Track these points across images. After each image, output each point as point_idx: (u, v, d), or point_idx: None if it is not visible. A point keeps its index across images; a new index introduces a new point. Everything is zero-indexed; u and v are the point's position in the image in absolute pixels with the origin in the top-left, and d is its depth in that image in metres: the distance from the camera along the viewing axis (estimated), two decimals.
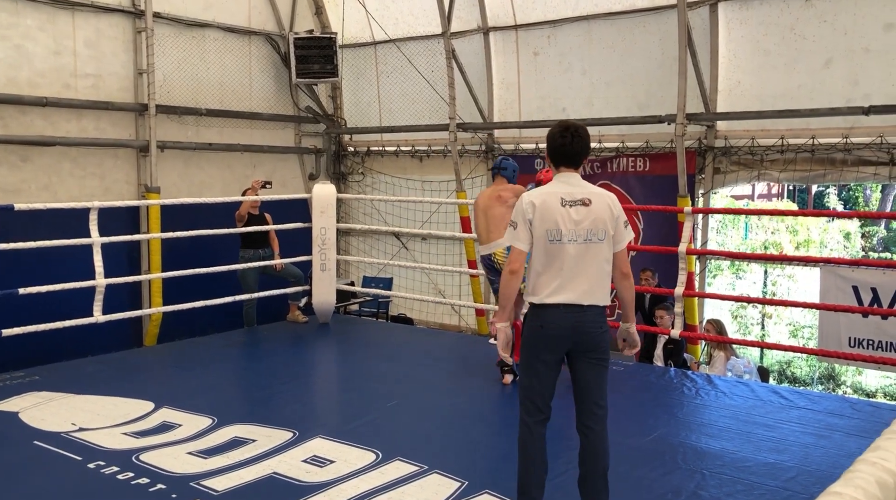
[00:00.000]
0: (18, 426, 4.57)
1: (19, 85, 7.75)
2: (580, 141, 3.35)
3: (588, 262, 3.25)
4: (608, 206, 3.28)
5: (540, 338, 3.29)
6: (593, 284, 3.26)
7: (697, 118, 7.74)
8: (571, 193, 3.28)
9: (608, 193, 3.38)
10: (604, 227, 3.25)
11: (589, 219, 3.24)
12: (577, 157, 3.37)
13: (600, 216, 3.26)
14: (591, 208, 3.25)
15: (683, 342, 6.80)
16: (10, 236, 6.03)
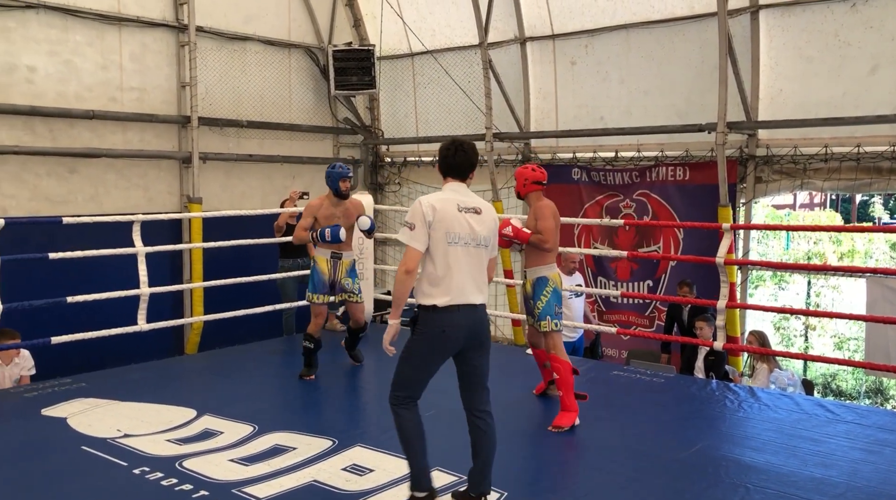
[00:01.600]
0: (66, 431, 4.68)
1: (68, 99, 7.97)
2: (464, 155, 3.65)
3: (476, 265, 3.60)
4: (493, 218, 3.68)
5: (441, 341, 3.55)
6: (481, 285, 3.63)
7: (738, 127, 7.64)
8: (464, 202, 3.61)
9: (490, 205, 3.75)
10: (487, 234, 3.62)
11: (481, 226, 3.59)
12: (461, 169, 3.66)
13: (489, 225, 3.64)
14: (482, 217, 3.61)
15: (725, 354, 6.70)
16: (57, 246, 6.19)
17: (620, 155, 8.75)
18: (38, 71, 7.77)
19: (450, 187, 3.67)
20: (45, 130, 7.84)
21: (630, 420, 5.02)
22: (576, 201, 9.05)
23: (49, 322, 6.37)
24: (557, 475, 4.08)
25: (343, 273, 5.88)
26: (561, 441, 4.57)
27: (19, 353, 6.08)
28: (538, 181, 5.04)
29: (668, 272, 8.44)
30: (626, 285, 8.72)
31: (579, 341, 7.58)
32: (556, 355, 4.89)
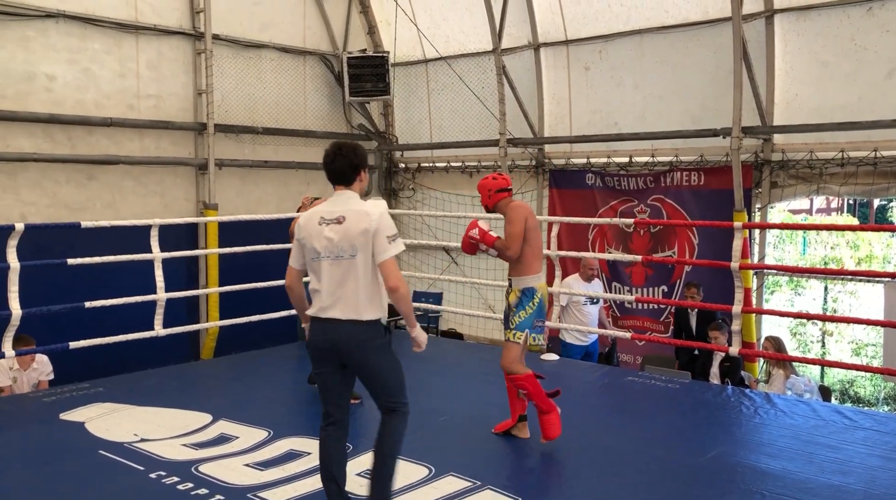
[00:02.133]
0: (84, 435, 4.72)
1: (86, 106, 8.07)
2: (343, 159, 3.49)
3: (344, 278, 3.38)
4: (360, 222, 3.37)
5: (309, 351, 3.55)
6: (349, 299, 3.38)
7: (754, 131, 7.61)
8: (332, 212, 3.45)
9: (374, 209, 3.44)
10: (352, 242, 3.36)
11: (338, 236, 3.38)
12: (342, 175, 3.52)
13: (349, 233, 3.37)
14: (343, 226, 3.39)
15: (740, 360, 6.66)
16: (76, 252, 6.26)
17: (635, 160, 8.73)
18: (58, 79, 7.87)
19: (332, 196, 3.54)
20: (63, 137, 7.95)
21: (644, 426, 5.00)
22: (590, 207, 9.04)
23: (67, 327, 6.43)
24: (570, 480, 4.07)
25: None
26: (575, 447, 4.56)
27: (35, 358, 6.15)
28: (503, 188, 4.66)
29: (682, 278, 8.40)
30: (640, 290, 8.70)
31: (593, 346, 7.56)
32: (514, 372, 4.49)
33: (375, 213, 3.40)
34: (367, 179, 3.61)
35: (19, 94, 7.62)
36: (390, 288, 3.41)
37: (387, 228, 3.40)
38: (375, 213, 3.40)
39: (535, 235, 4.60)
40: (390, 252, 3.39)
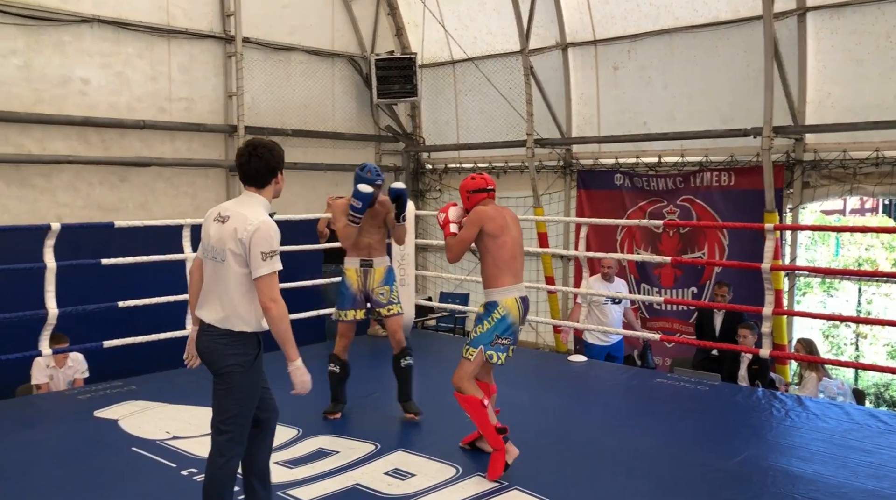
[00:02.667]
0: (118, 432, 4.80)
1: (119, 109, 8.21)
2: (259, 161, 3.25)
3: (217, 281, 3.23)
4: (235, 229, 3.15)
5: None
6: (216, 304, 3.22)
7: (785, 131, 7.52)
8: (227, 210, 3.26)
9: (257, 218, 3.16)
10: (223, 247, 3.17)
11: (216, 237, 3.22)
12: (256, 177, 3.27)
13: (224, 236, 3.18)
14: (223, 227, 3.21)
15: (768, 363, 6.57)
16: (109, 252, 6.37)
17: (664, 160, 8.67)
18: (92, 83, 8.03)
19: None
20: (97, 140, 8.10)
21: (673, 429, 4.96)
22: (618, 207, 8.99)
23: (101, 326, 6.54)
24: (598, 481, 4.05)
25: (376, 282, 5.12)
26: (603, 448, 4.55)
27: (69, 356, 6.27)
28: (479, 189, 4.25)
29: (712, 279, 8.32)
30: (669, 291, 8.63)
31: (616, 347, 7.47)
32: (460, 390, 4.12)
33: (255, 223, 3.13)
34: (283, 182, 3.36)
35: (55, 97, 7.79)
36: (262, 308, 3.18)
37: (262, 242, 3.12)
38: (255, 223, 3.13)
39: (502, 243, 4.14)
40: (263, 270, 3.13)
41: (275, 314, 3.18)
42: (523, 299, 4.24)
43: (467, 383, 4.11)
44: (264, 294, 3.15)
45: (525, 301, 4.26)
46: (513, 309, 4.14)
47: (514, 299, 4.15)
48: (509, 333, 4.14)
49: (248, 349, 3.25)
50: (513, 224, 4.27)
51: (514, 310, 4.15)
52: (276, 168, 3.29)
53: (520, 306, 4.19)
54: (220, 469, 3.25)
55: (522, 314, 4.22)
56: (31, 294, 5.70)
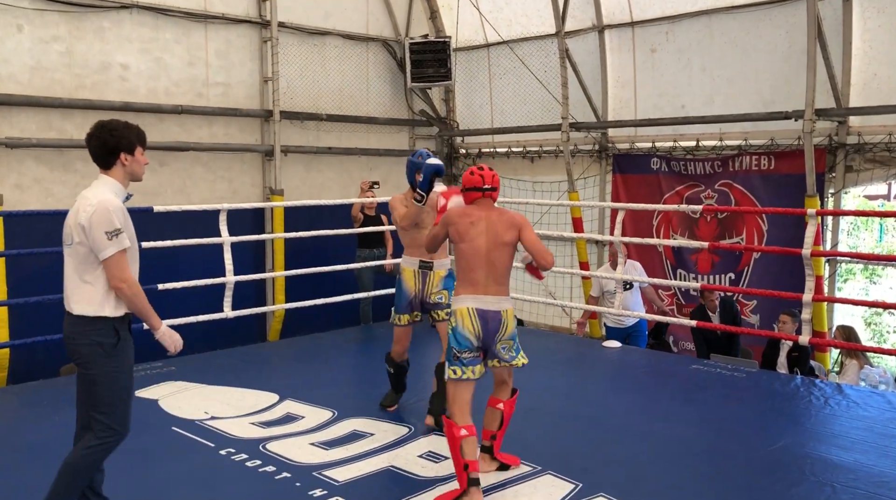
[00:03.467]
0: (158, 412, 4.92)
1: (157, 95, 8.32)
2: (96, 141, 3.21)
3: (68, 266, 3.17)
4: (77, 211, 3.12)
5: None
6: (67, 289, 3.17)
7: (828, 114, 7.33)
8: (79, 196, 3.23)
9: (96, 199, 3.11)
10: (72, 231, 3.13)
11: (66, 223, 3.16)
12: (97, 159, 3.23)
13: (70, 221, 3.16)
14: (71, 211, 3.17)
15: (809, 350, 6.46)
16: (147, 236, 6.48)
17: (702, 144, 8.53)
18: (131, 68, 8.14)
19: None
20: (137, 124, 8.19)
21: (710, 416, 4.92)
22: (655, 192, 8.88)
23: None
24: (633, 467, 4.03)
25: (434, 286, 4.70)
26: (638, 434, 4.52)
27: None
28: (473, 187, 3.89)
29: (751, 265, 8.19)
30: (706, 277, 8.51)
31: (635, 327, 7.43)
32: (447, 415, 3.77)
33: (93, 204, 3.09)
34: (134, 163, 3.25)
35: (96, 83, 7.91)
36: (114, 289, 3.12)
37: (102, 222, 3.06)
38: (93, 204, 3.09)
39: (461, 250, 3.80)
40: (108, 250, 3.07)
41: (127, 294, 3.14)
42: (480, 311, 3.73)
43: (454, 407, 3.73)
44: (113, 275, 3.10)
45: (484, 314, 3.73)
46: (464, 320, 3.72)
47: (465, 308, 3.73)
48: (467, 346, 3.72)
49: (102, 335, 3.14)
50: (483, 232, 3.79)
51: (465, 320, 3.71)
52: (117, 148, 3.21)
53: (473, 318, 3.71)
54: (80, 453, 3.16)
55: (481, 328, 3.72)
56: None
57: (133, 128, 3.30)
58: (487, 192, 3.89)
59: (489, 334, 3.76)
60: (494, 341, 3.78)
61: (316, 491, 3.71)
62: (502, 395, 3.97)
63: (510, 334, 3.81)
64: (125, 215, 3.19)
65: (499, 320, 3.76)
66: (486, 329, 3.75)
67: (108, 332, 3.15)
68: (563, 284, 9.83)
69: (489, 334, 3.76)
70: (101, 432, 3.15)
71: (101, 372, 3.14)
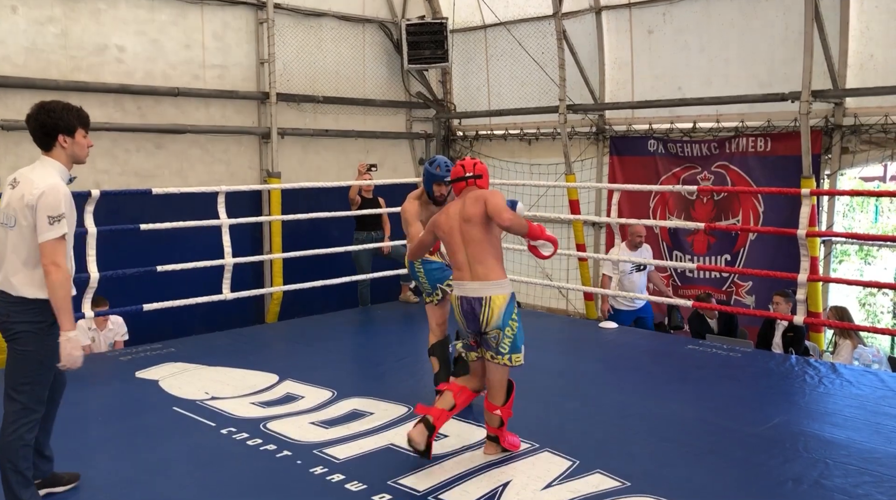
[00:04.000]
0: (159, 393, 4.95)
1: (154, 76, 8.29)
2: (34, 122, 3.21)
3: (7, 246, 3.19)
4: (23, 194, 3.13)
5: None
6: (6, 270, 3.18)
7: (824, 95, 7.35)
8: (20, 175, 3.25)
9: (43, 182, 3.13)
10: (15, 212, 3.15)
11: (6, 202, 3.19)
12: (36, 139, 3.24)
13: (12, 202, 3.17)
14: (12, 192, 3.19)
15: (804, 330, 6.52)
16: (145, 218, 6.50)
17: (699, 126, 8.54)
18: (127, 50, 8.10)
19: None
20: (133, 107, 8.19)
21: (705, 394, 4.98)
22: (651, 174, 8.90)
23: (139, 290, 6.70)
24: (629, 445, 4.09)
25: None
26: (635, 413, 4.58)
27: (109, 319, 6.45)
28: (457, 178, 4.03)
29: (746, 246, 8.24)
30: (702, 259, 8.56)
31: (644, 310, 7.46)
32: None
33: (41, 187, 3.11)
34: (74, 146, 3.25)
35: (92, 65, 7.88)
36: (44, 271, 3.11)
37: (48, 206, 3.09)
38: (41, 187, 3.11)
39: (443, 236, 3.96)
40: (48, 234, 3.10)
41: (54, 279, 3.11)
42: (463, 300, 3.83)
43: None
44: (47, 257, 3.10)
45: (466, 302, 3.82)
46: (455, 307, 3.91)
47: (455, 297, 3.90)
48: (463, 333, 3.96)
49: (41, 316, 3.17)
50: (456, 213, 3.89)
51: (456, 309, 3.90)
52: (56, 129, 3.20)
53: (458, 308, 3.86)
54: (9, 438, 3.16)
55: (463, 316, 3.84)
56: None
57: (73, 109, 3.28)
58: (471, 180, 3.97)
59: (473, 323, 3.82)
60: (481, 331, 3.82)
61: (317, 469, 3.76)
62: (496, 400, 3.91)
63: (496, 324, 3.77)
64: (71, 202, 3.21)
65: (479, 309, 3.77)
66: (468, 319, 3.83)
67: (46, 312, 3.17)
68: (560, 266, 9.86)
69: (473, 323, 3.82)
70: (15, 416, 3.17)
71: (35, 350, 3.17)
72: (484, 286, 3.78)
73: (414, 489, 3.53)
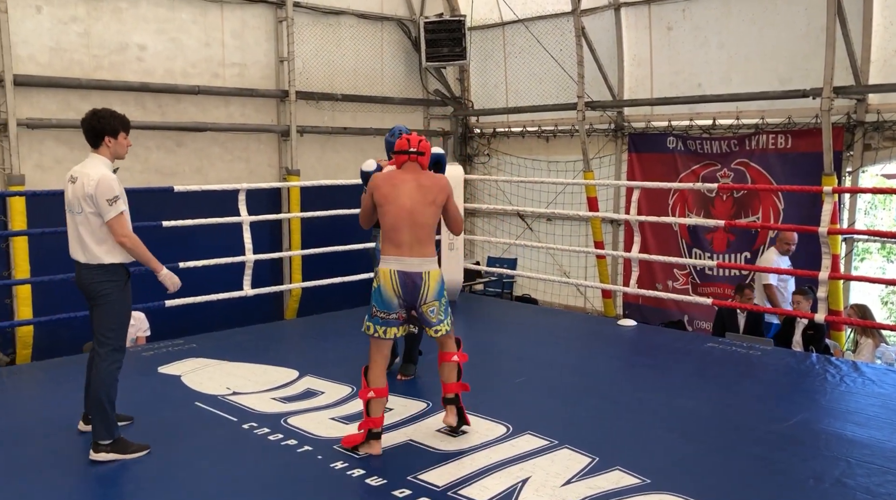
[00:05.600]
0: (181, 388, 5.01)
1: (174, 75, 8.37)
2: (86, 124, 3.94)
3: (76, 228, 3.89)
4: (83, 185, 3.82)
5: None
6: (78, 246, 3.89)
7: (846, 91, 7.27)
8: (76, 172, 3.93)
9: (96, 174, 3.82)
10: (79, 201, 3.84)
11: (71, 194, 3.90)
12: (88, 139, 3.95)
13: (76, 193, 3.85)
14: (74, 186, 3.88)
15: (824, 328, 6.47)
16: (166, 215, 6.57)
17: (718, 123, 8.49)
18: (148, 49, 8.18)
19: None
20: (154, 105, 8.28)
21: (724, 392, 4.96)
22: (671, 171, 8.86)
23: (161, 287, 6.74)
24: (649, 442, 4.09)
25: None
26: (654, 410, 4.57)
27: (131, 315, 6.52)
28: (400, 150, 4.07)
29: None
30: (722, 256, 8.51)
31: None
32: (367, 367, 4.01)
33: (95, 179, 3.80)
34: (116, 146, 3.94)
35: (114, 64, 7.97)
36: (119, 243, 3.86)
37: (104, 193, 3.79)
38: (95, 179, 3.80)
39: (384, 212, 3.93)
40: (111, 213, 3.81)
41: (129, 246, 3.89)
42: (402, 274, 3.87)
43: (372, 360, 3.99)
44: (116, 232, 3.85)
45: (404, 276, 3.87)
46: (384, 280, 3.88)
47: (388, 270, 3.88)
48: (384, 307, 3.89)
49: (117, 275, 3.92)
50: (408, 193, 3.92)
51: (387, 282, 3.87)
52: (103, 132, 3.91)
53: (394, 279, 3.86)
54: (103, 373, 3.88)
55: (401, 289, 3.87)
56: None
57: (118, 116, 3.99)
58: (413, 156, 4.06)
59: (411, 296, 3.92)
60: (418, 304, 3.94)
61: (337, 464, 3.79)
62: (450, 349, 4.13)
63: (434, 296, 3.97)
64: (120, 186, 3.90)
65: (420, 283, 3.91)
66: (407, 292, 3.91)
67: (121, 273, 3.96)
68: (578, 263, 9.85)
69: (411, 296, 3.92)
70: (112, 353, 3.93)
71: (117, 300, 3.94)
72: (424, 262, 3.94)
73: (434, 485, 3.55)
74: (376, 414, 3.93)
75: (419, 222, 3.91)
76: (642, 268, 7.74)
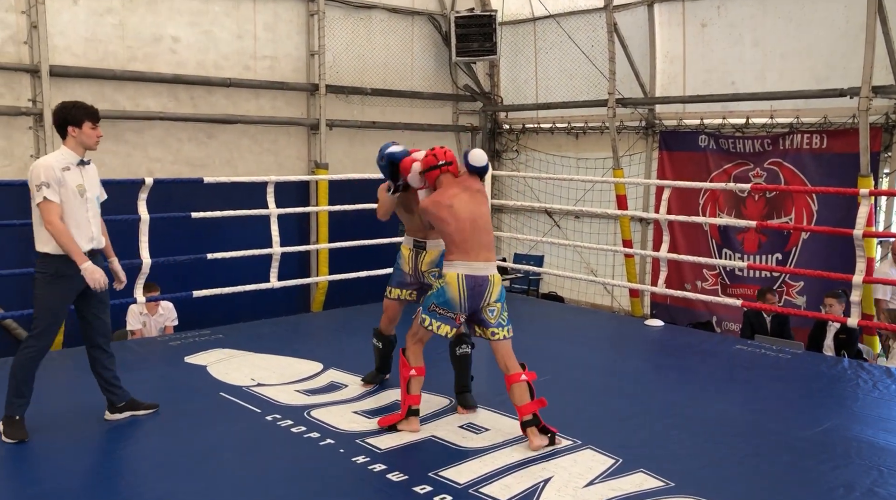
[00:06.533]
0: (207, 378, 5.05)
1: (206, 67, 8.44)
2: (53, 117, 3.98)
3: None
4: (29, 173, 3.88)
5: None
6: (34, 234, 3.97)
7: (885, 91, 7.11)
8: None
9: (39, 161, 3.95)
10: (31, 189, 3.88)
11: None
12: (56, 130, 3.99)
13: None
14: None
15: (857, 333, 6.34)
16: (195, 206, 6.62)
17: (752, 121, 8.36)
18: (181, 41, 8.26)
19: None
20: (186, 97, 8.36)
21: (753, 396, 4.88)
22: (702, 170, 8.74)
23: (188, 277, 6.84)
24: (675, 445, 4.03)
25: (426, 265, 4.65)
26: (681, 413, 4.51)
27: (160, 304, 6.60)
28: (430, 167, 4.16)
29: (799, 246, 8.04)
30: (753, 257, 8.38)
31: None
32: (405, 350, 4.24)
33: (33, 165, 3.91)
34: (82, 135, 3.93)
35: (147, 55, 8.05)
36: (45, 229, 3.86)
37: (33, 178, 3.84)
38: (33, 165, 3.91)
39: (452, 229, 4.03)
40: (36, 198, 3.84)
41: (52, 232, 3.85)
42: (469, 278, 4.01)
43: (411, 343, 4.23)
44: (44, 218, 3.85)
45: (472, 280, 4.01)
46: (451, 285, 4.02)
47: (455, 274, 4.02)
48: (447, 306, 4.04)
49: (45, 267, 3.92)
50: (465, 204, 4.05)
51: (454, 286, 4.01)
52: (66, 122, 3.93)
53: (461, 284, 4.00)
54: (21, 353, 3.96)
55: (467, 293, 4.01)
56: (125, 245, 5.98)
57: (84, 107, 3.99)
58: (444, 167, 4.16)
59: (476, 298, 4.05)
60: (480, 306, 4.07)
61: (359, 458, 3.79)
62: (515, 367, 4.08)
63: (496, 298, 4.10)
64: (55, 172, 3.86)
65: (486, 286, 4.05)
66: (472, 295, 4.04)
67: (49, 265, 3.93)
68: (606, 261, 9.77)
69: (476, 298, 4.05)
70: (30, 338, 3.99)
71: (42, 294, 3.95)
72: (488, 266, 4.09)
73: (455, 482, 3.53)
74: (416, 392, 4.13)
75: (481, 227, 4.09)
76: (671, 268, 7.65)
